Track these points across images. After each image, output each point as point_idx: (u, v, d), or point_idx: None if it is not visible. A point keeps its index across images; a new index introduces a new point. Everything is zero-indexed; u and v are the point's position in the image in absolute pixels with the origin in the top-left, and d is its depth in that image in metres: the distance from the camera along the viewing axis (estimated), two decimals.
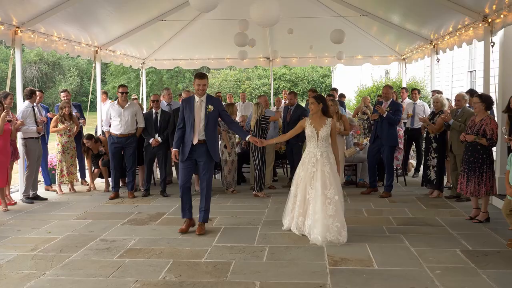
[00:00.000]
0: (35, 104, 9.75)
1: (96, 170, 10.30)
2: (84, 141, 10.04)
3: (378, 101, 9.78)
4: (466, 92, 9.18)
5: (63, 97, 10.34)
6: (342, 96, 14.85)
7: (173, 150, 6.83)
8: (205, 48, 15.23)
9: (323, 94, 30.46)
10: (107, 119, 9.40)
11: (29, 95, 9.01)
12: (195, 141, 6.65)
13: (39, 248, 6.23)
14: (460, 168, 7.63)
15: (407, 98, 12.55)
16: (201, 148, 6.69)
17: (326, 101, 6.78)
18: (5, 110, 8.04)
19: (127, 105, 9.32)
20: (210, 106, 6.65)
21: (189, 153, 6.67)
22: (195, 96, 6.72)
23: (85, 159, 10.49)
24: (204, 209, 6.85)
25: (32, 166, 9.05)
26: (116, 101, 9.47)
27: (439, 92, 10.60)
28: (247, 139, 6.83)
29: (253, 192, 9.51)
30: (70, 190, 9.88)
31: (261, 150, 9.43)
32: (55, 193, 9.81)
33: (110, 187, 9.67)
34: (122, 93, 9.34)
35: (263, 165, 9.52)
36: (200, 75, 6.69)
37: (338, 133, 9.13)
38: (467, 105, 8.78)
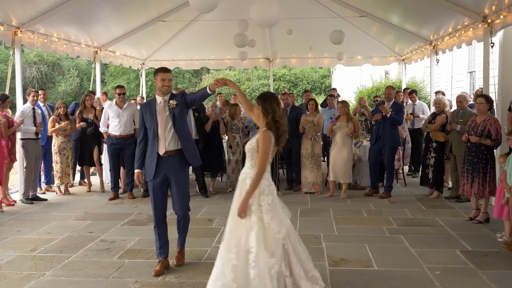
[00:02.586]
0: (42, 104, 9.80)
1: (85, 167, 10.35)
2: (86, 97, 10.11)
3: (377, 102, 9.76)
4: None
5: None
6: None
7: (136, 171, 5.52)
8: (205, 49, 15.22)
9: (322, 94, 30.49)
10: (105, 120, 9.38)
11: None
12: (161, 151, 5.31)
13: (39, 248, 6.23)
14: (462, 169, 7.62)
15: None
16: (172, 159, 5.34)
17: (268, 103, 4.45)
18: None
19: (125, 105, 9.32)
20: (172, 102, 5.32)
21: (156, 168, 5.34)
22: (157, 97, 5.43)
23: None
24: (183, 237, 5.64)
25: (30, 167, 9.04)
26: (113, 102, 9.47)
27: (440, 93, 10.61)
28: (208, 90, 5.07)
29: None
30: (64, 192, 9.85)
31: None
32: (55, 193, 9.81)
33: (110, 187, 9.64)
34: (119, 94, 9.34)
35: (275, 162, 9.54)
36: (165, 69, 5.45)
37: (348, 134, 9.16)
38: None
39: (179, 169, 5.39)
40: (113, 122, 9.26)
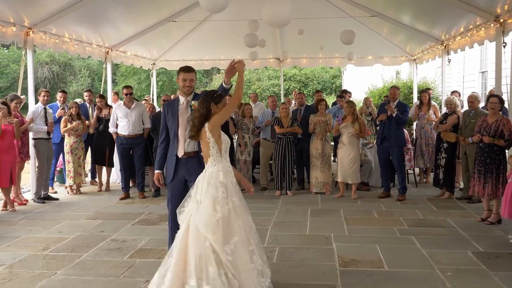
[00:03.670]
0: (60, 104, 9.93)
1: (97, 167, 10.47)
2: (97, 99, 10.29)
3: (384, 101, 9.70)
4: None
5: (86, 96, 10.47)
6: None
7: (156, 172, 5.37)
8: (215, 49, 15.23)
9: (333, 95, 30.45)
10: (114, 120, 9.43)
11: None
12: (180, 153, 5.18)
13: (51, 248, 6.28)
14: (473, 170, 7.55)
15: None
16: (191, 162, 5.15)
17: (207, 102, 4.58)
18: (2, 112, 8.08)
19: (133, 105, 9.36)
20: (193, 103, 5.05)
21: (175, 169, 5.23)
22: (180, 96, 5.32)
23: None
24: None
25: (42, 166, 9.11)
26: (122, 102, 9.52)
27: (457, 93, 10.52)
28: (224, 84, 5.11)
29: (278, 192, 9.67)
30: (75, 192, 9.92)
31: (284, 149, 9.52)
32: (66, 192, 9.87)
33: (121, 187, 9.67)
34: (126, 94, 9.40)
35: (288, 163, 9.62)
36: (187, 68, 5.30)
37: (354, 135, 9.14)
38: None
39: (197, 171, 4.98)
40: (122, 122, 9.31)
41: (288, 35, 13.90)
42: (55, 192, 9.88)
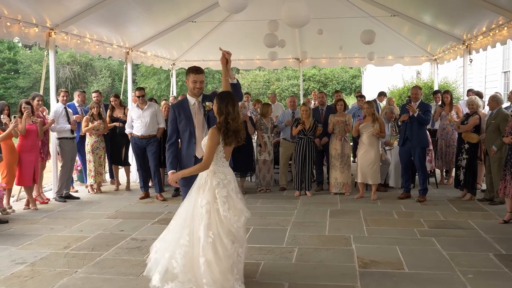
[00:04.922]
0: (77, 104, 10.05)
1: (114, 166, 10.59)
2: (112, 99, 10.50)
3: (408, 101, 9.60)
4: None
5: (94, 97, 10.58)
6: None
7: (169, 173, 5.16)
8: (235, 49, 14.99)
9: (352, 95, 30.28)
10: (129, 121, 9.52)
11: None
12: (199, 154, 5.07)
13: (72, 246, 6.35)
14: (504, 172, 7.31)
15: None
16: None
17: (224, 104, 4.59)
18: (26, 111, 8.19)
19: (146, 106, 9.42)
20: (207, 103, 5.12)
21: None
22: (189, 97, 5.27)
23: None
24: None
25: (66, 166, 9.22)
26: (136, 104, 9.60)
27: (474, 93, 10.39)
28: (230, 80, 5.23)
29: (297, 192, 9.63)
30: (96, 191, 10.01)
31: (304, 149, 9.49)
32: (87, 191, 9.98)
33: (140, 186, 9.73)
34: (138, 96, 9.47)
35: (309, 164, 9.59)
36: (196, 69, 5.23)
37: (374, 135, 9.07)
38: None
39: None
40: (136, 123, 9.38)
41: (307, 35, 13.88)
42: (76, 191, 9.99)
